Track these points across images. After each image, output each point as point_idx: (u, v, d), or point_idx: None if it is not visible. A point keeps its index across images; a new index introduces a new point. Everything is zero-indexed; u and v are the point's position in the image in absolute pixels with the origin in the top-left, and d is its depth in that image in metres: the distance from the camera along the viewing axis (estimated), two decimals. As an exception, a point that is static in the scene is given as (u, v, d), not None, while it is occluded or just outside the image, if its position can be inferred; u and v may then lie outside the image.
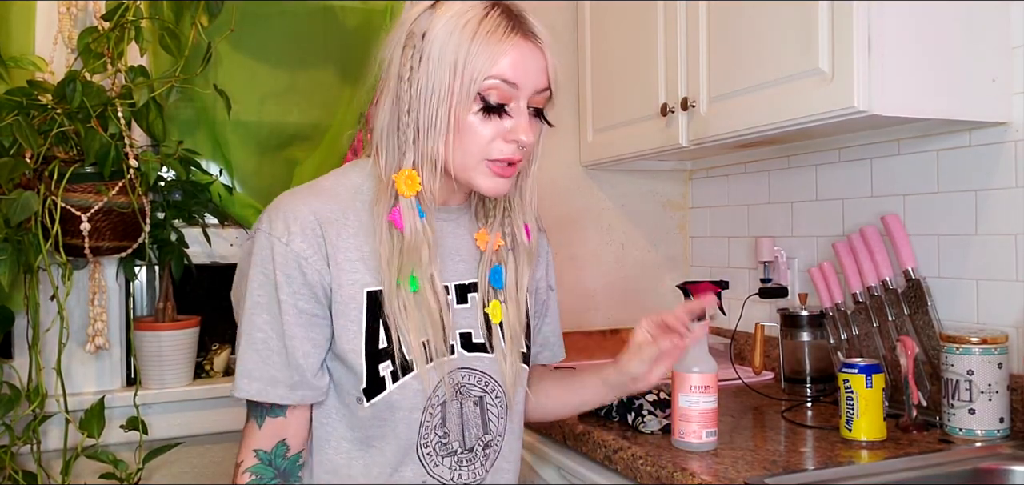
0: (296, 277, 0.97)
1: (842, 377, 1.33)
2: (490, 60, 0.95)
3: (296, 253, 0.97)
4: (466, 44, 0.95)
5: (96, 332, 1.65)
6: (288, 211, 0.98)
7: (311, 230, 0.98)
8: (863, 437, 1.31)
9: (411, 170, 0.98)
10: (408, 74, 0.97)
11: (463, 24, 0.95)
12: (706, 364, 1.26)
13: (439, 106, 0.96)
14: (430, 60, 0.95)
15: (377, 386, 0.99)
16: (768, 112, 1.42)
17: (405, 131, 0.98)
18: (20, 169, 1.43)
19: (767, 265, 1.86)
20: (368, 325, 0.99)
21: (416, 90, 0.96)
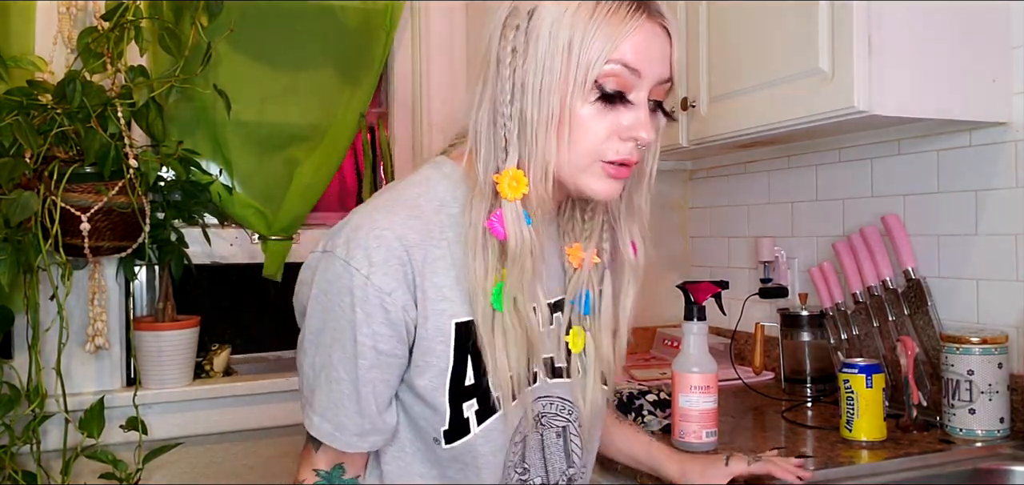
0: (377, 316, 0.83)
1: (842, 377, 1.33)
2: (611, 42, 0.82)
3: (378, 288, 0.82)
4: (583, 22, 0.81)
5: (96, 332, 1.65)
6: (369, 237, 0.83)
7: (397, 260, 0.83)
8: (863, 437, 1.31)
9: (516, 170, 0.84)
10: (510, 58, 0.84)
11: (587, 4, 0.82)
12: (706, 364, 1.26)
13: (550, 94, 0.82)
14: (540, 41, 0.82)
15: (460, 428, 0.87)
16: (768, 112, 1.42)
17: (507, 125, 0.84)
18: (20, 169, 1.43)
19: (767, 265, 1.86)
20: (455, 361, 0.86)
21: (521, 77, 0.83)
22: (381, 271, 0.82)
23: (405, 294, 0.84)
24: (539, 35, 0.82)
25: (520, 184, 0.84)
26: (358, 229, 0.85)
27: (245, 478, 1.80)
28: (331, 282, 0.85)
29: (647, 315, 2.21)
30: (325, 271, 0.86)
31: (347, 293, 0.83)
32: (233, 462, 1.79)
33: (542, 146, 0.84)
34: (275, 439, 1.82)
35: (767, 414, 1.55)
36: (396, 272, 0.83)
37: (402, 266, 0.83)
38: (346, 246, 0.84)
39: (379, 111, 2.08)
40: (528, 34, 0.83)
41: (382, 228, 0.84)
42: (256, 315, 2.05)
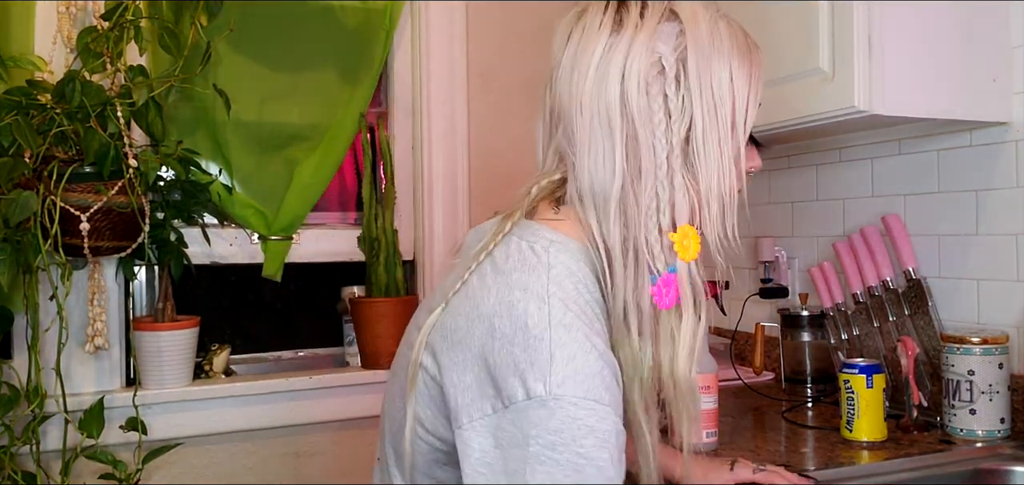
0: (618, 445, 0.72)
1: (843, 377, 1.33)
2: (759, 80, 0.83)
3: (614, 419, 0.71)
4: (742, 59, 0.81)
5: (95, 332, 1.64)
6: (591, 361, 0.71)
7: (614, 378, 0.73)
8: (864, 437, 1.31)
9: (688, 226, 0.78)
10: (663, 106, 0.77)
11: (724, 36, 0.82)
12: (706, 364, 1.26)
13: (723, 136, 0.79)
14: (704, 84, 0.78)
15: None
16: (768, 112, 1.42)
17: (667, 179, 0.78)
18: (19, 169, 1.43)
19: (767, 265, 1.86)
20: None
21: (683, 127, 0.78)
22: (612, 398, 0.72)
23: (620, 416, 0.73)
24: (701, 83, 0.78)
25: (694, 242, 0.79)
26: (574, 358, 0.71)
27: (245, 478, 1.79)
28: (560, 431, 0.68)
29: (647, 315, 2.20)
30: (547, 420, 0.69)
31: (589, 434, 0.69)
32: (233, 462, 1.79)
33: (720, 192, 0.80)
34: (275, 439, 1.82)
35: (767, 414, 1.55)
36: (617, 394, 0.73)
37: (617, 382, 0.74)
38: (573, 383, 0.70)
39: (379, 111, 2.07)
40: (685, 81, 0.78)
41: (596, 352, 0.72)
42: (256, 315, 2.04)
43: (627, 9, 0.79)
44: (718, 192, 0.79)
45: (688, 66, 0.78)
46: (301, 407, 1.82)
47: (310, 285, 2.07)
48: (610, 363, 0.73)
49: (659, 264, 0.78)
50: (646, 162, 0.77)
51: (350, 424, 1.84)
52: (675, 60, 0.78)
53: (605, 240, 0.78)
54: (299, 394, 1.82)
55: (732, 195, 0.81)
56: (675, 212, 0.78)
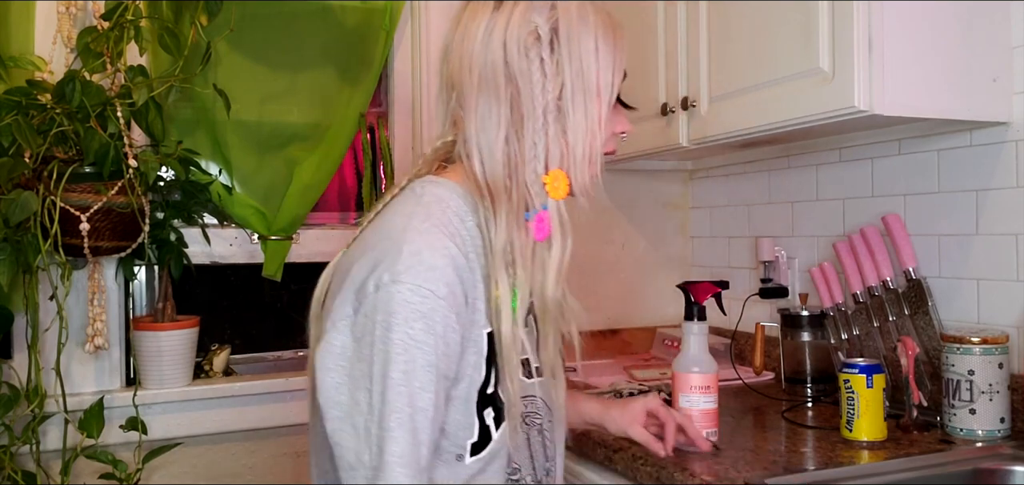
0: (448, 335, 0.82)
1: (843, 377, 1.33)
2: (622, 55, 0.95)
3: (450, 308, 0.82)
4: (606, 35, 0.93)
5: (95, 332, 1.64)
6: (433, 258, 0.82)
7: (458, 277, 0.83)
8: (864, 437, 1.31)
9: (558, 170, 0.90)
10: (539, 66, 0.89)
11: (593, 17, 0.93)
12: (707, 364, 1.26)
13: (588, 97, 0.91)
14: (571, 50, 0.90)
15: (485, 437, 0.88)
16: (768, 112, 1.42)
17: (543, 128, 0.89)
18: (19, 169, 1.43)
19: (767, 265, 1.86)
20: (486, 371, 0.87)
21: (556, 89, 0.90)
22: (451, 291, 0.82)
23: (463, 311, 0.84)
24: (570, 52, 0.90)
25: (563, 184, 0.91)
26: (419, 253, 0.82)
27: (245, 478, 1.79)
28: (396, 313, 0.79)
29: (647, 315, 2.21)
30: (387, 303, 0.80)
31: (420, 318, 0.79)
32: (233, 462, 1.79)
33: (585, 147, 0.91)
34: (275, 439, 1.82)
35: (767, 414, 1.55)
36: (460, 291, 0.84)
37: (462, 284, 0.84)
38: (413, 272, 0.81)
39: (379, 111, 2.07)
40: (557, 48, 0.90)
41: (442, 248, 0.84)
42: (256, 315, 2.04)
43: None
44: (583, 144, 0.91)
45: (560, 35, 0.90)
46: (301, 407, 1.81)
47: (310, 285, 2.06)
48: (458, 268, 0.83)
49: (537, 202, 0.90)
50: (527, 115, 0.89)
51: (350, 424, 1.84)
52: (549, 29, 0.90)
53: (489, 183, 0.89)
54: (299, 394, 1.82)
55: (594, 148, 0.92)
56: (549, 158, 0.90)
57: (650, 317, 2.21)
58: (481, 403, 0.87)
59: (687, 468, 1.18)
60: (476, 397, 0.86)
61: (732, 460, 1.22)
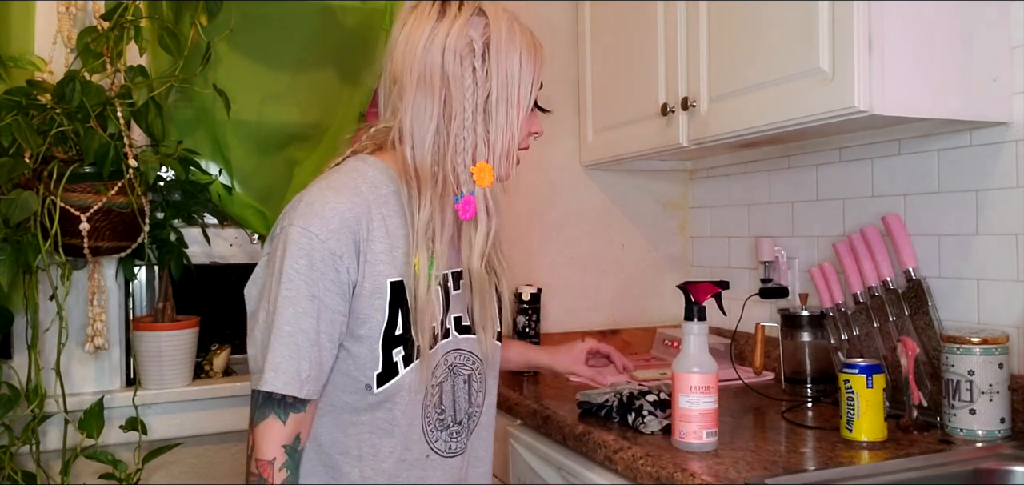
0: (329, 275, 1.00)
1: (843, 377, 1.33)
2: (539, 66, 1.12)
3: (332, 251, 1.00)
4: (531, 53, 1.10)
5: (95, 332, 1.64)
6: (325, 210, 1.01)
7: (347, 229, 1.01)
8: (864, 437, 1.31)
9: (484, 163, 1.07)
10: (470, 79, 1.06)
11: (518, 33, 1.10)
12: (706, 364, 1.26)
13: (510, 102, 1.08)
14: (498, 63, 1.07)
15: (390, 371, 1.05)
16: (768, 112, 1.42)
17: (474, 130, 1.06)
18: (19, 169, 1.43)
19: (767, 265, 1.86)
20: (389, 314, 1.05)
21: (485, 93, 1.06)
22: (335, 238, 1.00)
23: (351, 259, 1.02)
24: (498, 63, 1.07)
25: (488, 174, 1.07)
26: (313, 204, 1.02)
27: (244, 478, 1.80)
28: (287, 250, 1.00)
29: (647, 315, 2.21)
30: (284, 242, 1.01)
31: (305, 256, 1.00)
32: (233, 462, 1.79)
33: (503, 141, 1.08)
34: (275, 439, 1.82)
35: (767, 414, 1.55)
36: (346, 239, 1.01)
37: (352, 235, 1.02)
38: (303, 218, 1.01)
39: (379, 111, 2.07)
40: (488, 61, 1.07)
41: (335, 203, 1.02)
42: (256, 315, 2.04)
43: (449, 5, 1.08)
44: (503, 142, 1.08)
45: (490, 49, 1.07)
46: (301, 407, 1.82)
47: (310, 285, 2.07)
48: (346, 221, 1.01)
49: (464, 188, 1.07)
50: (456, 113, 1.05)
51: (350, 424, 1.84)
52: (482, 43, 1.07)
53: (417, 168, 1.06)
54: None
55: (511, 146, 1.09)
56: (475, 153, 1.06)
57: (650, 317, 2.21)
58: (388, 342, 1.05)
59: (686, 468, 1.18)
60: (382, 336, 1.04)
61: (732, 460, 1.22)
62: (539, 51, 1.13)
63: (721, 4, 1.54)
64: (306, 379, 1.00)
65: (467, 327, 1.15)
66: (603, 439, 1.36)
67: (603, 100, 2.00)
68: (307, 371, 1.00)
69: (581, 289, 2.14)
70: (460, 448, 1.16)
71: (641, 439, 1.35)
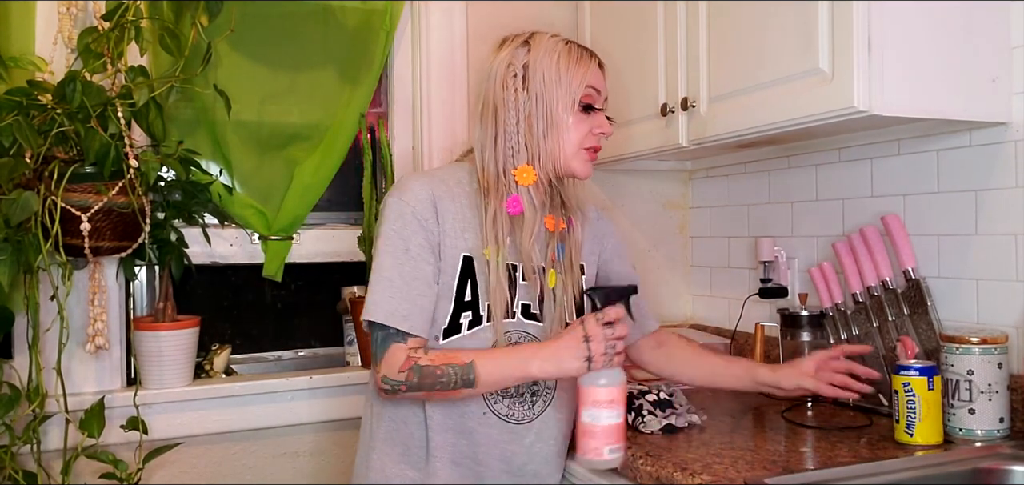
0: (416, 228, 1.25)
1: (901, 380, 1.31)
2: (584, 77, 1.31)
3: (415, 211, 1.26)
4: (566, 66, 1.30)
5: (96, 332, 1.64)
6: (411, 183, 1.29)
7: (429, 198, 1.27)
8: (926, 441, 1.29)
9: (527, 165, 1.30)
10: (513, 98, 1.29)
11: (560, 54, 1.30)
12: (614, 376, 1.18)
13: (551, 112, 1.29)
14: (536, 81, 1.29)
15: (454, 329, 1.27)
16: (768, 112, 1.42)
17: (517, 137, 1.30)
18: (20, 169, 1.43)
19: (767, 265, 1.86)
20: (459, 280, 1.27)
21: (526, 107, 1.29)
22: (417, 201, 1.27)
23: (433, 222, 1.27)
24: (535, 77, 1.29)
25: (530, 174, 1.30)
26: (406, 180, 1.31)
27: (245, 478, 1.80)
28: (386, 214, 1.28)
29: (647, 315, 2.20)
30: (384, 210, 1.29)
31: (397, 217, 1.27)
32: (233, 462, 1.79)
33: (545, 146, 1.30)
34: (275, 439, 1.82)
35: (767, 414, 1.55)
36: (428, 206, 1.27)
37: (432, 204, 1.28)
38: (398, 190, 1.29)
39: (379, 111, 2.08)
40: (526, 78, 1.30)
41: (422, 181, 1.31)
42: (256, 315, 2.05)
43: (507, 40, 1.34)
44: (552, 145, 1.30)
45: (528, 70, 1.30)
46: (301, 407, 1.82)
47: (310, 285, 2.07)
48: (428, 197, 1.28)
49: (512, 188, 1.30)
50: (508, 127, 1.30)
51: (350, 424, 1.84)
52: (522, 67, 1.30)
53: (485, 174, 1.31)
54: (299, 394, 1.83)
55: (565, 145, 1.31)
56: (519, 158, 1.30)
57: (650, 317, 2.21)
58: (459, 306, 1.27)
59: (686, 468, 1.18)
60: (454, 299, 1.27)
61: (732, 460, 1.23)
62: (584, 61, 1.31)
63: (721, 4, 1.55)
64: (396, 315, 1.22)
65: (534, 315, 1.32)
66: (603, 439, 1.36)
67: (603, 100, 2.00)
68: (404, 307, 1.22)
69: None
70: (524, 418, 1.31)
71: (641, 438, 1.35)
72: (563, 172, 1.33)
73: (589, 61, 1.32)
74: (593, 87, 1.32)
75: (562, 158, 1.31)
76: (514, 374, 1.23)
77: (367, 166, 1.86)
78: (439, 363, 1.21)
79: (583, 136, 1.31)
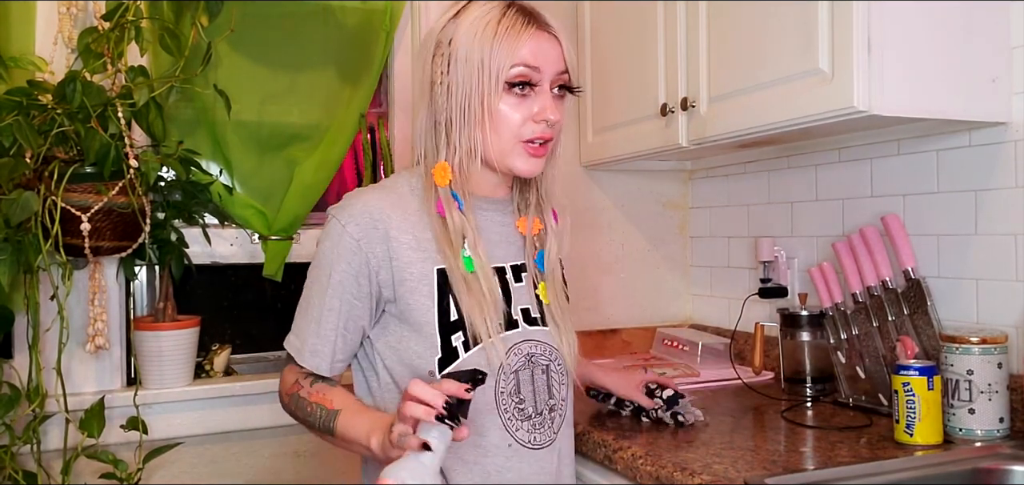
0: (345, 257, 1.09)
1: (901, 380, 1.30)
2: (512, 51, 1.07)
3: (351, 236, 1.08)
4: (490, 41, 1.07)
5: (96, 332, 1.65)
6: (352, 202, 1.11)
7: (369, 217, 1.09)
8: (926, 441, 1.28)
9: (442, 162, 1.11)
10: (440, 78, 1.10)
11: (485, 25, 1.08)
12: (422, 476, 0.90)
13: (470, 99, 1.08)
14: (458, 62, 1.08)
15: (450, 355, 1.09)
16: (768, 112, 1.42)
17: (441, 130, 1.11)
18: (20, 169, 1.43)
19: (767, 265, 1.86)
20: (440, 300, 1.09)
21: (448, 90, 1.09)
22: (354, 224, 1.09)
23: (376, 244, 1.08)
24: (457, 57, 1.08)
25: (446, 173, 1.11)
26: (349, 198, 1.12)
27: (245, 478, 1.80)
28: (323, 237, 1.12)
29: (647, 315, 2.21)
30: (324, 231, 1.13)
31: (332, 242, 1.10)
32: (233, 462, 1.79)
33: (469, 140, 1.10)
34: (275, 439, 1.82)
35: (767, 414, 1.55)
36: (367, 226, 1.08)
37: (373, 222, 1.09)
38: (338, 209, 1.11)
39: (379, 111, 2.08)
40: (450, 57, 1.09)
41: (366, 197, 1.12)
42: (256, 315, 2.05)
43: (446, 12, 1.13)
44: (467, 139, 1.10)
45: (451, 46, 1.09)
46: (301, 407, 1.82)
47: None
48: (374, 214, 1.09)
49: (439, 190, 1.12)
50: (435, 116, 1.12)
51: (350, 424, 1.84)
52: (447, 41, 1.10)
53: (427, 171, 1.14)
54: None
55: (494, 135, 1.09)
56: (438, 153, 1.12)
57: (650, 317, 2.21)
58: (445, 329, 1.09)
59: (686, 468, 1.18)
60: (436, 324, 1.09)
61: (732, 460, 1.23)
62: (514, 30, 1.07)
63: (721, 4, 1.55)
64: (306, 348, 1.11)
65: (535, 319, 1.17)
66: (603, 438, 1.36)
67: (603, 100, 2.01)
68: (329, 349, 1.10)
69: (581, 289, 2.14)
70: (546, 441, 1.16)
71: (640, 438, 1.35)
72: (504, 170, 1.13)
73: (521, 30, 1.07)
74: (525, 64, 1.07)
75: (496, 153, 1.10)
76: (360, 440, 1.02)
77: (367, 166, 1.86)
78: (313, 399, 1.10)
79: (518, 126, 1.09)
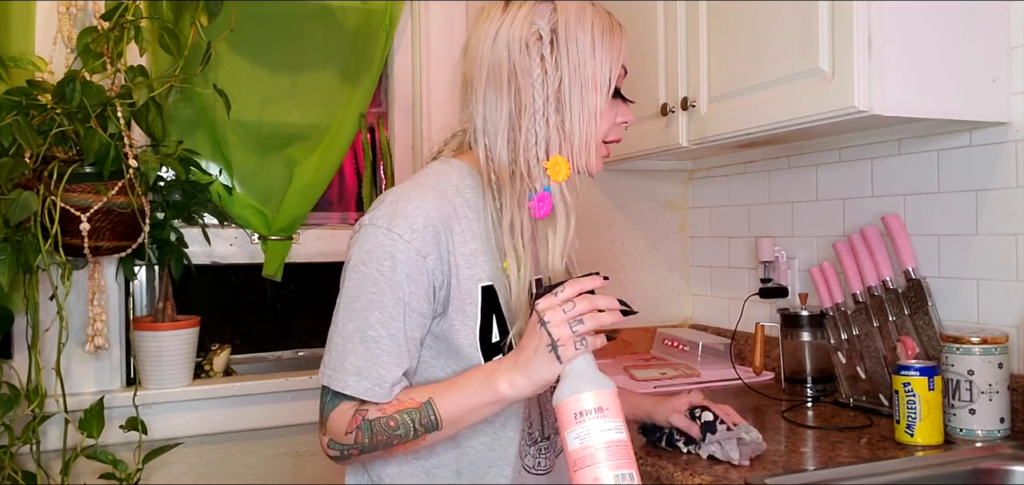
0: (417, 276, 0.96)
1: (902, 380, 1.30)
2: (620, 50, 1.05)
3: (417, 251, 0.96)
4: (601, 35, 1.03)
5: (95, 332, 1.65)
6: (408, 209, 0.97)
7: (432, 229, 0.97)
8: (927, 441, 1.28)
9: (559, 156, 1.00)
10: (539, 70, 1.00)
11: (593, 20, 1.03)
12: (593, 377, 0.90)
13: (586, 90, 1.01)
14: (568, 49, 1.01)
15: None
16: (768, 112, 1.42)
17: (541, 123, 1.00)
18: (20, 169, 1.43)
19: (767, 265, 1.86)
20: (483, 319, 1.00)
21: (555, 83, 1.00)
22: (420, 237, 0.96)
23: (437, 259, 0.97)
24: (568, 50, 1.01)
25: (564, 167, 1.00)
26: (397, 203, 0.98)
27: (245, 478, 1.80)
28: (371, 251, 0.96)
29: (647, 315, 2.21)
30: (364, 242, 0.97)
31: (388, 258, 0.95)
32: (233, 462, 1.79)
33: (583, 133, 1.02)
34: (275, 439, 1.82)
35: (767, 414, 1.55)
36: (431, 239, 0.96)
37: (436, 235, 0.97)
38: (387, 218, 0.97)
39: (379, 111, 2.08)
40: (556, 47, 1.01)
41: (419, 203, 0.97)
42: (256, 315, 2.05)
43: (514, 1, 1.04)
44: (580, 132, 1.02)
45: (558, 35, 1.01)
46: (301, 407, 1.82)
47: (310, 285, 2.07)
48: (431, 221, 0.96)
49: (537, 184, 1.00)
50: (527, 106, 1.00)
51: (350, 424, 1.84)
52: (549, 30, 1.01)
53: (495, 169, 1.02)
54: (299, 394, 1.82)
55: (590, 135, 1.03)
56: (549, 146, 1.00)
57: (650, 317, 2.21)
58: (487, 351, 1.00)
59: (686, 467, 1.18)
60: (478, 345, 1.00)
61: (732, 460, 1.22)
62: (617, 33, 1.05)
63: (721, 4, 1.54)
64: (385, 383, 0.96)
65: None
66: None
67: (603, 100, 2.00)
68: (387, 376, 0.96)
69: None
70: (547, 467, 1.08)
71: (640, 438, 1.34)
72: (579, 167, 1.04)
73: (622, 35, 1.06)
74: (624, 67, 1.07)
75: (583, 149, 1.02)
76: (482, 398, 0.94)
77: (367, 166, 1.86)
78: (391, 411, 0.95)
79: (608, 127, 1.06)
